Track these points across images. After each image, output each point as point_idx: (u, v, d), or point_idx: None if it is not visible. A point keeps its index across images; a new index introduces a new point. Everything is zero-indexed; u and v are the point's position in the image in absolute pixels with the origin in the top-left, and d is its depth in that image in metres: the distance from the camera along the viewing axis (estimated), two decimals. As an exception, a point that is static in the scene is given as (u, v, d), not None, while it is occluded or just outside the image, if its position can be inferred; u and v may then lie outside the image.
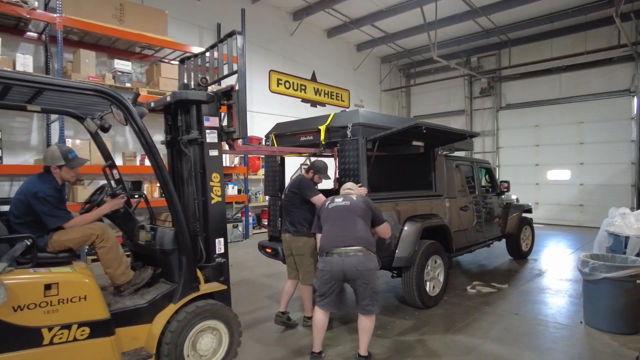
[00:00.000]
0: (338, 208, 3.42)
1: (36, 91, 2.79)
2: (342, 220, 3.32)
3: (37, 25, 7.14)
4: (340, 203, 3.45)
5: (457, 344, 3.81)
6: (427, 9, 10.07)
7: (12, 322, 2.27)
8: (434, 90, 14.39)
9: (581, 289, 4.47)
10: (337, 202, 3.47)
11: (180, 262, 3.03)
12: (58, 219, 2.81)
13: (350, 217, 3.34)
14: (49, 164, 2.95)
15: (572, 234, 10.14)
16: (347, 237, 3.22)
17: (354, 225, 3.30)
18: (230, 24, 9.86)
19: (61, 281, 2.45)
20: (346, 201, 3.46)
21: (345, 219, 3.33)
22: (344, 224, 3.30)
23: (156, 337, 2.83)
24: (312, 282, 3.90)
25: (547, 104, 11.86)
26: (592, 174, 11.20)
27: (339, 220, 3.33)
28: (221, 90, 3.43)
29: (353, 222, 3.32)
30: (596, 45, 10.47)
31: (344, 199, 3.49)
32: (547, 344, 3.81)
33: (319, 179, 4.08)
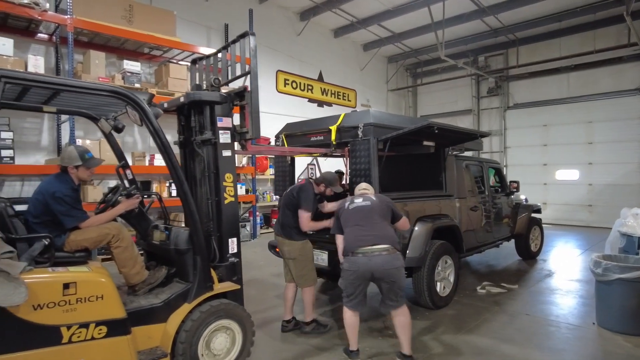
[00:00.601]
0: (359, 208, 3.42)
1: (53, 92, 2.82)
2: (366, 219, 3.34)
3: (47, 27, 7.21)
4: (361, 203, 3.45)
5: (469, 345, 3.80)
6: (434, 9, 10.05)
7: (32, 320, 2.30)
8: (441, 90, 14.35)
9: (593, 290, 4.46)
10: (357, 203, 3.46)
11: (195, 261, 3.05)
12: (74, 218, 2.84)
13: (373, 217, 3.36)
14: (66, 164, 2.98)
15: (581, 235, 10.08)
16: (372, 236, 3.23)
17: (378, 224, 3.33)
18: (237, 24, 9.91)
19: (79, 280, 2.48)
20: (366, 201, 3.46)
21: (369, 218, 3.34)
22: (368, 223, 3.32)
23: (171, 337, 2.86)
24: (311, 284, 3.89)
25: (555, 104, 11.79)
26: (601, 174, 11.12)
27: (362, 220, 3.34)
28: (234, 91, 3.45)
29: (376, 221, 3.34)
30: (605, 44, 10.39)
31: (364, 199, 3.49)
32: (559, 345, 3.79)
33: (331, 191, 4.03)
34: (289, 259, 3.97)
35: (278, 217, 4.10)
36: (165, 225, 3.34)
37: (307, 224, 3.79)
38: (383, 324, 4.21)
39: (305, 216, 3.76)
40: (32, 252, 2.58)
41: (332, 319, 4.41)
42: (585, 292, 5.39)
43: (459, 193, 5.33)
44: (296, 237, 3.88)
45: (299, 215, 3.78)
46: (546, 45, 11.62)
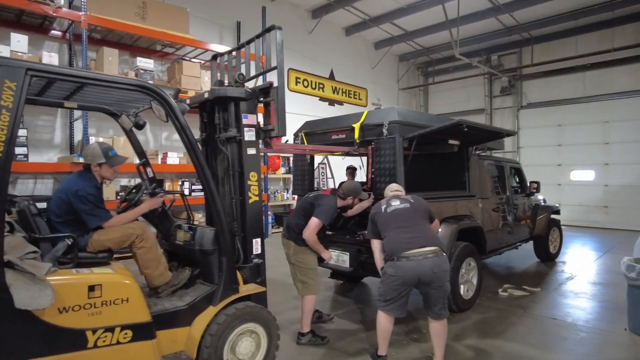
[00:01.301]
0: (399, 211, 3.28)
1: (76, 87, 2.73)
2: (408, 222, 3.21)
3: (61, 24, 7.16)
4: (400, 206, 3.31)
5: (499, 350, 3.67)
6: (448, 6, 9.91)
7: (58, 324, 2.21)
8: (453, 89, 14.19)
9: (618, 294, 4.32)
10: (395, 206, 3.32)
11: (221, 263, 2.94)
12: (98, 218, 2.75)
13: (416, 219, 3.24)
14: (90, 162, 2.89)
15: (597, 236, 9.89)
16: (419, 239, 3.10)
17: (421, 225, 3.21)
18: (249, 22, 9.83)
19: (104, 282, 2.38)
20: (405, 203, 3.33)
21: (412, 220, 3.21)
22: (411, 225, 3.18)
23: (197, 341, 2.75)
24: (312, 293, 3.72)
25: (570, 103, 11.60)
26: (618, 174, 10.92)
27: (404, 223, 3.19)
28: (259, 87, 3.35)
29: (420, 223, 3.22)
30: (623, 42, 10.20)
31: (401, 201, 3.35)
32: (592, 351, 3.66)
33: (358, 200, 3.91)
34: (290, 263, 3.85)
35: (289, 218, 3.95)
36: (189, 224, 3.24)
37: (312, 235, 3.57)
38: (407, 328, 4.10)
39: (314, 225, 3.55)
40: (55, 253, 2.49)
41: (353, 322, 4.31)
42: (609, 296, 5.23)
43: (481, 193, 5.20)
44: (301, 242, 3.70)
45: (310, 221, 3.57)
46: (561, 43, 11.43)
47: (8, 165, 2.08)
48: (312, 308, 3.77)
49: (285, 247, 3.84)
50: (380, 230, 3.33)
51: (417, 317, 4.41)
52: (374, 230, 3.41)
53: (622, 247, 8.53)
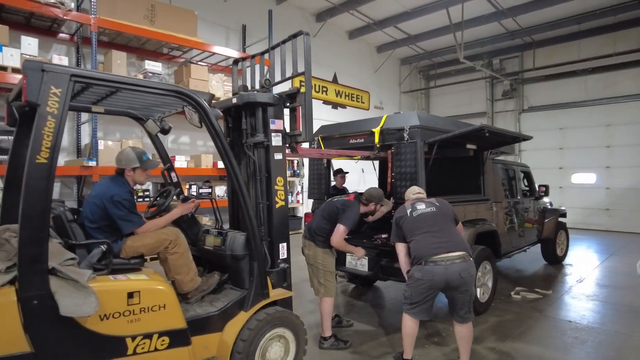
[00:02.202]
0: (426, 215, 3.28)
1: (109, 92, 2.73)
2: (436, 225, 3.21)
3: (69, 27, 7.13)
4: (426, 210, 3.31)
5: (521, 353, 3.70)
6: (452, 10, 9.98)
7: (99, 331, 2.20)
8: (455, 92, 14.27)
9: (632, 297, 4.35)
10: (421, 210, 3.32)
11: (252, 268, 2.94)
12: (132, 223, 2.74)
13: (444, 222, 3.25)
14: (124, 166, 2.88)
15: (601, 239, 9.98)
16: (448, 243, 3.11)
17: (449, 229, 3.23)
18: (255, 25, 9.84)
19: (142, 289, 2.38)
20: (430, 207, 3.34)
21: (439, 224, 3.22)
22: (439, 229, 3.19)
23: (230, 347, 2.75)
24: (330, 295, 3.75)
25: (573, 107, 11.70)
26: (620, 177, 11.02)
27: (432, 227, 3.20)
28: (286, 92, 3.36)
29: (448, 227, 3.24)
30: (626, 46, 10.32)
31: (426, 205, 3.36)
32: (612, 355, 3.69)
33: (380, 206, 3.94)
34: (310, 264, 3.87)
35: (311, 220, 3.98)
36: (218, 229, 3.23)
37: (340, 241, 3.63)
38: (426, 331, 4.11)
39: (341, 232, 3.61)
40: (90, 259, 2.49)
41: (372, 325, 4.32)
42: (621, 299, 5.28)
43: (495, 197, 5.23)
44: (321, 244, 3.75)
45: (337, 228, 3.62)
46: (564, 47, 11.54)
47: (53, 172, 2.07)
48: (330, 310, 3.79)
49: (306, 247, 3.87)
50: (406, 234, 3.33)
51: (437, 320, 4.43)
52: (399, 234, 3.41)
53: (627, 250, 8.61)
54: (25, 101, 1.99)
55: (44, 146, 2.02)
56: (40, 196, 2.02)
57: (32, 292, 2.00)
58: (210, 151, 9.01)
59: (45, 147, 2.02)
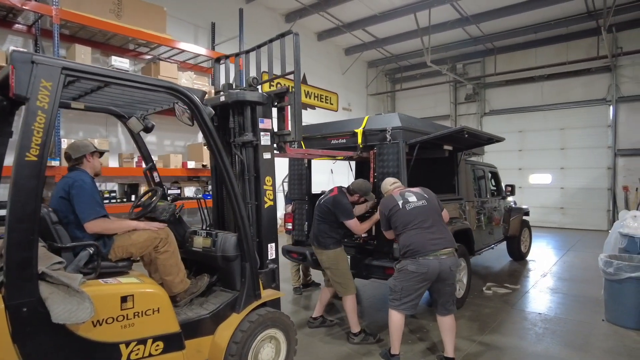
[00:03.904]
0: (419, 209, 3.36)
1: (96, 88, 2.60)
2: (429, 221, 3.31)
3: (26, 17, 6.70)
4: (418, 203, 3.40)
5: (499, 344, 3.88)
6: (419, 16, 10.29)
7: (93, 338, 2.09)
8: (419, 96, 14.68)
9: (588, 288, 4.65)
10: (413, 203, 3.40)
11: (243, 269, 2.90)
12: (92, 212, 2.51)
13: (435, 217, 3.37)
14: (82, 153, 2.72)
15: (557, 236, 10.59)
16: (443, 240, 3.26)
17: (442, 225, 3.37)
18: (225, 23, 9.68)
19: (136, 293, 2.28)
20: (422, 199, 3.43)
21: (432, 219, 3.33)
22: (434, 225, 3.31)
23: (223, 349, 2.69)
24: (351, 293, 3.84)
25: (530, 111, 12.37)
26: (573, 178, 11.78)
27: (426, 222, 3.30)
28: (274, 91, 3.34)
29: (439, 222, 3.37)
30: (577, 56, 11.04)
31: (418, 197, 3.45)
32: (581, 341, 3.95)
33: (364, 200, 4.06)
34: (326, 268, 3.96)
35: (312, 227, 4.07)
36: (206, 230, 3.15)
37: (360, 228, 3.87)
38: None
39: (354, 223, 3.80)
40: (78, 263, 2.36)
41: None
42: (581, 290, 5.63)
43: (468, 196, 5.44)
44: (331, 246, 3.86)
45: (348, 225, 3.80)
46: (522, 54, 12.17)
47: (43, 170, 1.95)
48: (354, 307, 3.87)
49: (318, 255, 3.96)
50: (397, 225, 3.40)
51: (419, 317, 4.54)
52: (388, 224, 3.51)
53: (581, 246, 9.21)
54: (13, 95, 1.86)
55: (33, 143, 1.90)
56: (30, 196, 1.90)
57: (21, 298, 1.87)
58: (179, 151, 8.76)
59: (35, 144, 1.90)
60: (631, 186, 10.89)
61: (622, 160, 11.10)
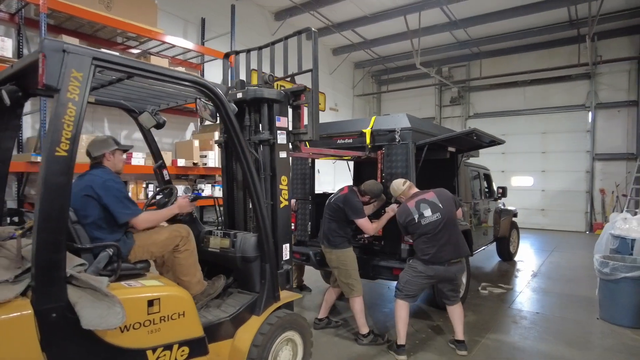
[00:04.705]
0: (433, 224, 3.48)
1: (116, 80, 2.47)
2: (444, 237, 3.47)
3: (9, 5, 6.37)
4: (432, 218, 3.48)
5: (504, 344, 3.95)
6: (409, 18, 10.38)
7: (120, 344, 1.98)
8: (405, 98, 14.82)
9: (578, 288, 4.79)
10: (428, 217, 3.49)
11: (263, 270, 2.82)
12: (130, 211, 2.44)
13: (450, 229, 3.51)
14: (102, 152, 2.59)
15: (539, 237, 10.88)
16: (454, 252, 3.51)
17: (455, 236, 3.54)
18: (215, 19, 9.49)
19: (162, 296, 2.18)
20: (436, 213, 3.49)
21: (447, 234, 3.48)
22: (448, 238, 3.48)
23: (245, 354, 2.61)
24: (358, 294, 3.83)
25: (513, 115, 12.68)
26: (553, 181, 12.15)
27: (440, 237, 3.46)
28: (290, 90, 3.29)
29: (453, 233, 3.54)
30: (559, 62, 11.37)
31: (432, 209, 3.50)
32: (581, 339, 4.06)
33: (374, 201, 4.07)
34: (333, 267, 3.92)
35: (322, 226, 4.03)
36: (223, 230, 3.05)
37: (371, 227, 3.86)
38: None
39: (365, 222, 3.81)
40: (97, 264, 2.23)
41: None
42: (572, 290, 5.80)
43: (466, 197, 5.51)
44: (340, 245, 3.84)
45: (359, 224, 3.80)
46: (507, 59, 12.45)
47: (72, 166, 1.83)
48: (362, 308, 3.87)
49: (327, 254, 3.93)
50: (414, 234, 3.57)
51: (423, 317, 4.57)
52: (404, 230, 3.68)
53: (564, 247, 9.51)
54: (43, 85, 1.74)
55: (64, 137, 1.78)
56: (59, 194, 1.78)
57: (50, 303, 1.75)
58: (167, 148, 8.52)
59: (66, 138, 1.78)
60: (607, 189, 11.33)
61: (599, 164, 11.52)
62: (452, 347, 3.76)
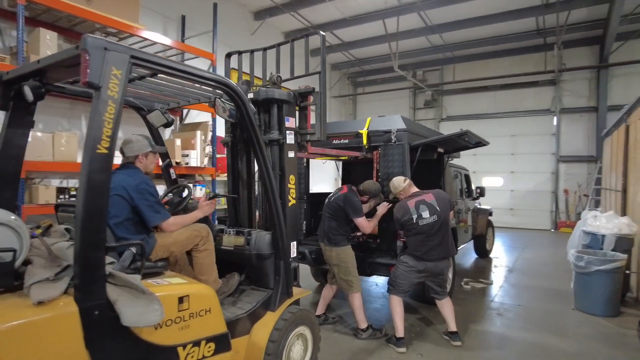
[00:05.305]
0: (430, 226, 3.66)
1: (138, 77, 2.47)
2: (437, 238, 3.68)
3: (-20, -4, 6.07)
4: (430, 220, 3.66)
5: (492, 334, 4.21)
6: (388, 22, 10.65)
7: (154, 342, 1.99)
8: (380, 100, 15.12)
9: (550, 282, 5.13)
10: (426, 219, 3.66)
11: (277, 266, 2.88)
12: (160, 215, 2.47)
13: (443, 232, 3.72)
14: (136, 153, 2.59)
15: (509, 235, 11.42)
16: (444, 252, 3.77)
17: (447, 238, 3.75)
18: (195, 17, 9.38)
19: (191, 293, 2.20)
20: (434, 215, 3.67)
21: (440, 236, 3.70)
22: (440, 242, 3.69)
23: (263, 349, 2.67)
24: (357, 291, 3.95)
25: (485, 118, 13.22)
26: (522, 181, 12.78)
27: (434, 238, 3.68)
28: (298, 91, 3.37)
29: (446, 235, 3.74)
30: (527, 69, 11.97)
31: (430, 211, 3.67)
32: (561, 328, 4.36)
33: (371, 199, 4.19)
34: (332, 265, 4.00)
35: (321, 225, 4.11)
36: (236, 229, 3.08)
37: (369, 226, 3.95)
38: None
39: (363, 221, 3.91)
40: (123, 263, 2.22)
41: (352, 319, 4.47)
42: (545, 283, 6.18)
43: (451, 197, 5.73)
44: (341, 243, 3.94)
45: (358, 223, 3.91)
46: (479, 64, 12.97)
47: (111, 165, 1.83)
48: (361, 304, 3.97)
49: (326, 252, 4.01)
50: (409, 231, 3.73)
51: (413, 313, 4.74)
52: (399, 226, 3.84)
53: (534, 244, 10.04)
54: (85, 83, 1.74)
55: (104, 134, 1.78)
56: (100, 191, 1.78)
57: (93, 301, 1.75)
58: (147, 148, 8.35)
59: (106, 136, 1.79)
60: (571, 190, 12.04)
61: (563, 166, 12.23)
62: (446, 338, 3.96)
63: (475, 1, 9.41)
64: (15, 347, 1.52)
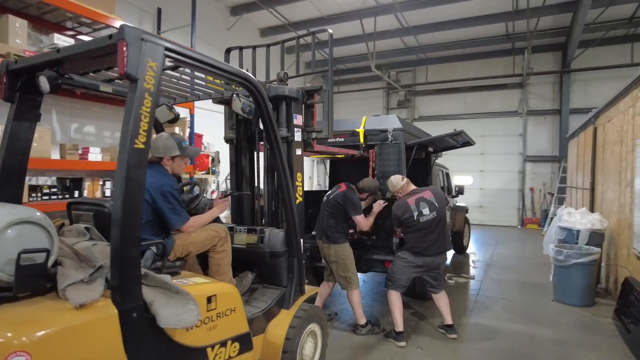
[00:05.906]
0: (429, 222, 3.75)
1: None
2: (436, 233, 3.77)
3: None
4: (430, 216, 3.74)
5: (483, 326, 4.37)
6: (365, 22, 10.78)
7: (186, 343, 1.94)
8: (354, 99, 15.25)
9: (526, 275, 5.43)
10: (426, 216, 3.74)
11: (291, 264, 2.87)
12: (181, 218, 2.40)
13: (441, 228, 3.81)
14: (162, 155, 2.50)
15: (480, 232, 11.85)
16: (442, 247, 3.88)
17: (444, 233, 3.85)
18: (171, 10, 9.11)
19: (218, 293, 2.15)
20: (433, 212, 3.76)
21: (438, 231, 3.78)
22: (438, 238, 3.79)
23: (280, 347, 2.65)
24: (355, 287, 3.99)
25: (455, 118, 13.65)
26: (491, 180, 13.32)
27: (433, 234, 3.77)
28: (305, 89, 3.36)
29: (443, 231, 3.83)
30: (497, 72, 12.48)
31: (430, 208, 3.76)
32: (546, 318, 4.62)
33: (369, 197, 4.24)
34: (331, 262, 4.02)
35: (319, 222, 4.10)
36: (248, 227, 3.03)
37: (366, 223, 3.98)
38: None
39: (361, 219, 3.95)
40: (145, 263, 2.14)
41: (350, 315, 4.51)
42: (523, 277, 6.49)
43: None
44: (339, 240, 3.97)
45: (356, 221, 3.95)
46: (451, 66, 13.38)
47: (147, 160, 1.76)
48: (360, 300, 4.00)
49: (325, 249, 4.01)
50: (409, 228, 3.80)
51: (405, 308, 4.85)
52: (398, 224, 3.90)
53: (505, 240, 10.52)
54: (123, 74, 1.66)
55: (141, 129, 1.71)
56: (137, 188, 1.71)
57: (131, 303, 1.68)
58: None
59: (143, 130, 1.72)
60: (536, 188, 12.68)
61: (529, 166, 12.86)
62: (442, 331, 4.07)
63: (451, 5, 9.71)
64: (59, 351, 1.44)
